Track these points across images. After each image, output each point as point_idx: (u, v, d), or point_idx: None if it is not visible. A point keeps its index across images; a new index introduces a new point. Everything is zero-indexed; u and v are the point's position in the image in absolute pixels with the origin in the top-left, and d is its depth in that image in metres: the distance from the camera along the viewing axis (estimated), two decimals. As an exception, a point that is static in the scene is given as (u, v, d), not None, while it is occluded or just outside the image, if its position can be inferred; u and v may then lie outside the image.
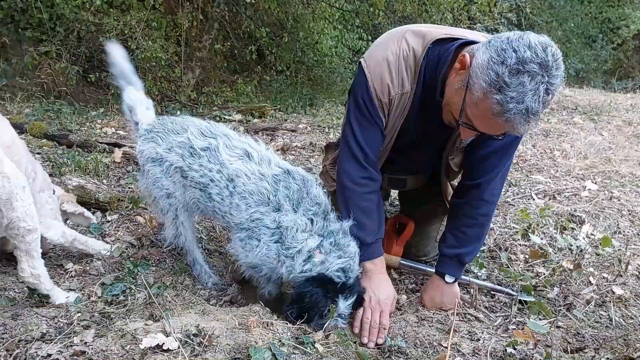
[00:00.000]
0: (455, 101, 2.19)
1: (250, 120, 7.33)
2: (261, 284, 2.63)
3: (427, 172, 3.04)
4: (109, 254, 2.81)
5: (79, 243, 2.68)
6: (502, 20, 13.69)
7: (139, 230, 3.23)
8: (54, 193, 2.75)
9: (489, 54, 1.99)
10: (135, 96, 2.69)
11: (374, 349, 2.35)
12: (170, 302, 2.43)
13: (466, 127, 2.18)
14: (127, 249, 3.00)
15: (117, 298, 2.42)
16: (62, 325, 2.17)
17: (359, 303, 2.47)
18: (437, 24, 9.73)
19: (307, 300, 2.29)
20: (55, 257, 2.84)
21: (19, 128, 5.10)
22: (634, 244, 3.48)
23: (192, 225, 2.77)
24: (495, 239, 3.51)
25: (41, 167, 2.67)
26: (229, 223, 2.51)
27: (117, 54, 2.66)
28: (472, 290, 2.77)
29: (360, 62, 2.49)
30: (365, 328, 2.44)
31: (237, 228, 2.46)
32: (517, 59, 1.91)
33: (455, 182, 2.96)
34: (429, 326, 2.49)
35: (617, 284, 2.92)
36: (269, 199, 2.38)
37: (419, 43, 2.39)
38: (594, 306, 2.72)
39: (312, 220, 2.37)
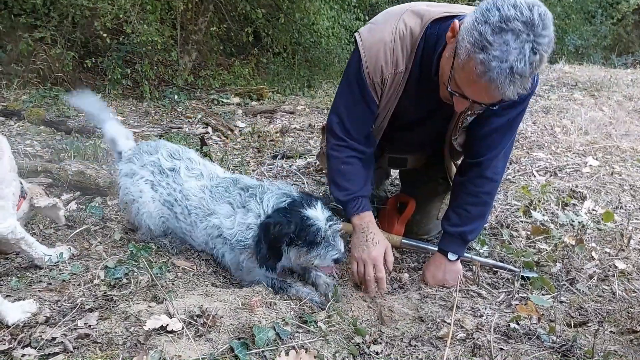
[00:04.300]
0: (446, 71, 2.18)
1: (248, 103, 7.30)
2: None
3: (428, 152, 3.02)
4: (50, 262, 2.55)
5: (24, 243, 2.47)
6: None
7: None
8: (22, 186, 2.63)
9: (474, 15, 1.96)
10: (115, 129, 2.96)
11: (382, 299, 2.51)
12: (173, 284, 2.43)
13: (456, 95, 2.16)
14: (127, 233, 3.00)
15: (120, 281, 2.42)
16: (65, 308, 2.17)
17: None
18: None
19: (273, 230, 2.29)
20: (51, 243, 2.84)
21: (17, 115, 5.08)
22: (636, 219, 3.47)
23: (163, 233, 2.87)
24: (496, 216, 3.51)
25: (9, 151, 2.47)
26: (202, 246, 2.72)
27: (84, 101, 2.97)
28: (474, 267, 2.77)
29: (355, 38, 2.49)
30: (364, 282, 2.57)
31: (211, 249, 2.67)
32: (500, 17, 1.87)
33: (459, 162, 2.95)
34: (432, 303, 2.50)
35: (619, 259, 2.92)
36: (208, 208, 2.56)
37: (417, 23, 2.37)
38: (597, 280, 2.72)
39: (230, 203, 2.51)
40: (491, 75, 1.92)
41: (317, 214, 2.32)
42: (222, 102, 7.25)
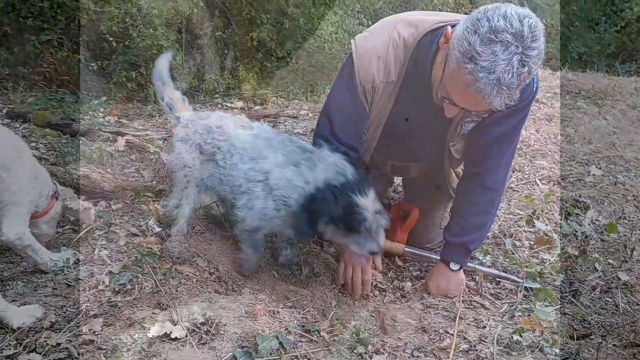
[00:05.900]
0: (437, 77, 2.20)
1: (252, 108, 7.32)
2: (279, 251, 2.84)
3: (430, 159, 3.03)
4: (55, 267, 2.57)
5: (30, 250, 2.47)
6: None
7: (144, 220, 3.23)
8: (56, 187, 2.72)
9: (465, 25, 1.97)
10: (173, 94, 2.98)
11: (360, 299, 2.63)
12: (177, 290, 2.44)
13: (445, 101, 2.18)
14: (130, 238, 3.01)
15: (125, 287, 2.43)
16: (70, 314, 2.19)
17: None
18: (439, 8, 9.63)
19: (318, 206, 2.27)
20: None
21: (23, 117, 5.10)
22: (639, 230, 3.47)
23: (194, 205, 2.86)
24: (499, 226, 3.51)
25: (30, 159, 2.51)
26: (232, 190, 2.61)
27: (163, 61, 3.03)
28: (477, 277, 2.78)
29: (352, 43, 2.52)
30: (349, 284, 2.63)
31: (239, 193, 2.56)
32: (490, 28, 1.88)
33: (460, 170, 2.95)
34: (435, 313, 2.50)
35: (622, 270, 2.91)
36: (260, 153, 2.51)
37: (411, 33, 2.39)
38: (600, 292, 2.72)
39: (285, 155, 2.45)
40: (478, 86, 1.93)
41: (367, 203, 2.28)
42: (226, 106, 7.26)
